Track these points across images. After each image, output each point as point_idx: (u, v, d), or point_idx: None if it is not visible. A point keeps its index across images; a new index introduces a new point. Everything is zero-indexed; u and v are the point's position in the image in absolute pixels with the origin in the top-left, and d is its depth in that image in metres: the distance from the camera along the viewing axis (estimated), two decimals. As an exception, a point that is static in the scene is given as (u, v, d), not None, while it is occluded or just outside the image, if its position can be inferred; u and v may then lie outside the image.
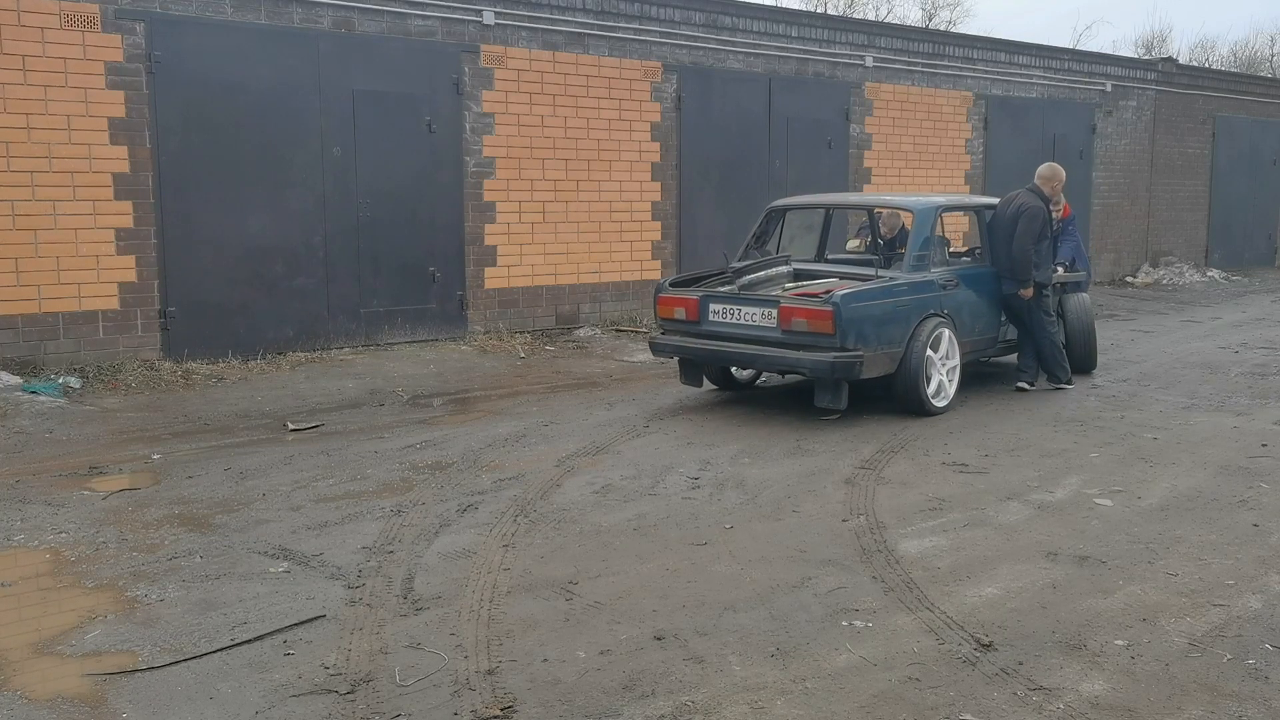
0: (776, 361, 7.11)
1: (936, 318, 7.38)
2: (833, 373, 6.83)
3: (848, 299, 6.84)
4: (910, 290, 7.30)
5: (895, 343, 7.09)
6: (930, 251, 7.62)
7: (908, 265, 7.50)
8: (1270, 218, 19.93)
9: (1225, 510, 5.28)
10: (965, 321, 7.72)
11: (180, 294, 8.82)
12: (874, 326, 6.95)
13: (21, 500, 5.30)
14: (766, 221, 8.37)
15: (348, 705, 3.26)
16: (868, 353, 6.87)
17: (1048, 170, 8.33)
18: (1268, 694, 3.37)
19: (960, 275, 7.80)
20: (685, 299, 7.52)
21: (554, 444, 6.52)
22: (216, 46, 8.82)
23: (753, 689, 3.38)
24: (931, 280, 7.48)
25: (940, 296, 7.50)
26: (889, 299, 7.13)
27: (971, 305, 7.83)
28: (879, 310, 7.03)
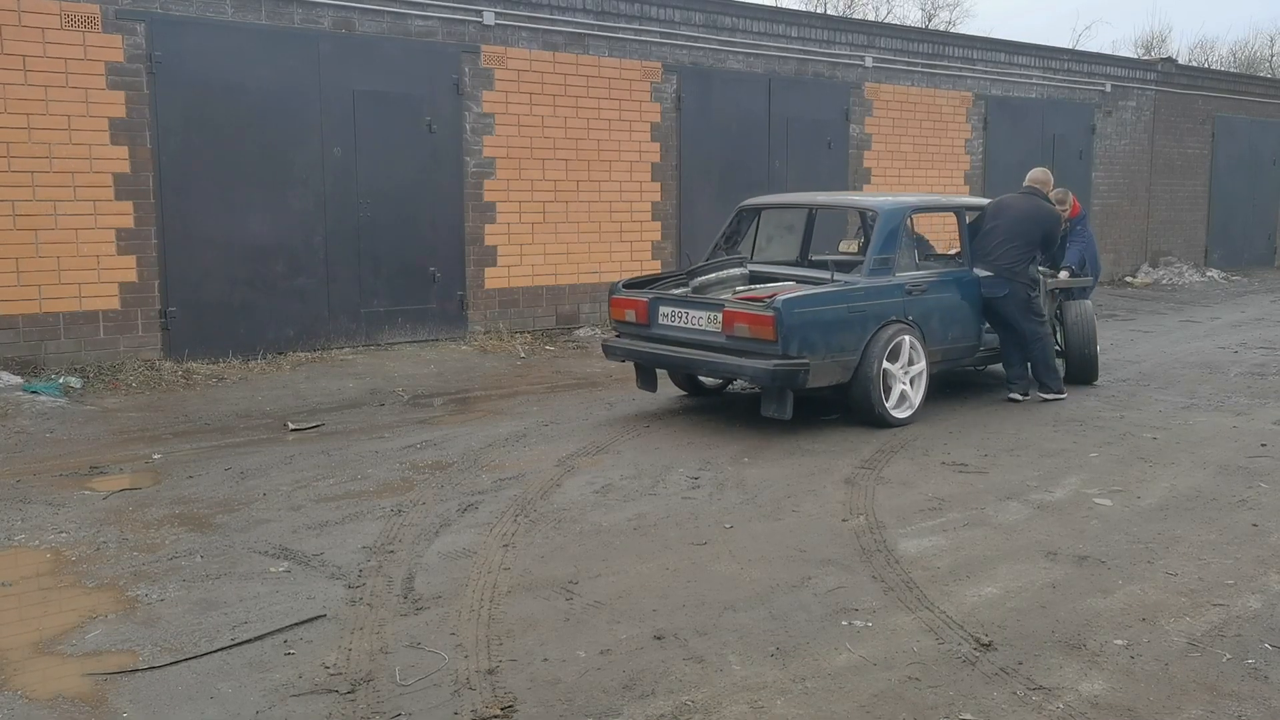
0: (719, 367, 6.83)
1: (899, 324, 7.00)
2: (773, 381, 6.49)
3: (790, 304, 6.50)
4: (867, 295, 6.91)
5: (848, 350, 6.76)
6: (894, 254, 7.20)
7: (866, 269, 7.11)
8: (1269, 218, 19.93)
9: (1225, 510, 5.28)
10: (935, 329, 7.34)
11: (181, 294, 8.83)
12: (822, 333, 6.61)
13: (22, 500, 5.31)
14: (737, 221, 8.10)
15: (348, 705, 3.26)
16: (814, 360, 6.56)
17: (1043, 174, 8.12)
18: (1267, 694, 3.38)
19: (931, 280, 7.41)
20: (635, 301, 7.28)
21: (554, 444, 6.53)
22: (217, 47, 8.83)
23: (753, 688, 3.38)
24: (894, 285, 7.09)
25: (904, 302, 7.11)
26: (840, 304, 6.78)
27: (944, 311, 7.43)
28: (828, 316, 6.69)
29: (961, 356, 7.78)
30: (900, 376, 7.02)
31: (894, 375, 6.97)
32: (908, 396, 7.08)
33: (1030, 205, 7.81)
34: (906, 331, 7.04)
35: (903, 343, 7.00)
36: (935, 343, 7.35)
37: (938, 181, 14.45)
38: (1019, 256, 7.63)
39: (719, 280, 7.27)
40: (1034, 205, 7.81)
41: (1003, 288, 7.61)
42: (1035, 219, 7.73)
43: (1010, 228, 7.70)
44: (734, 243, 8.05)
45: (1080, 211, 9.16)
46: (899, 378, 7.01)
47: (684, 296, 7.15)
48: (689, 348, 6.94)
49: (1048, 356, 7.80)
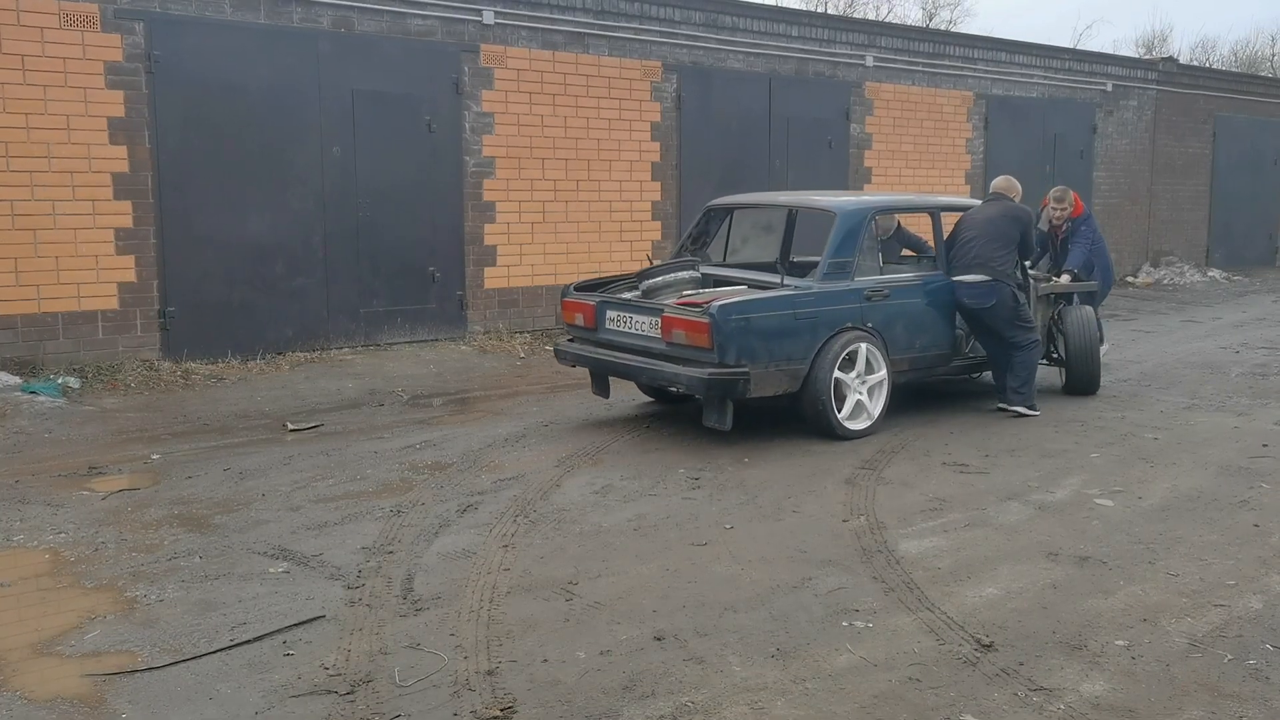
0: (658, 375, 6.51)
1: (855, 332, 6.66)
2: (709, 390, 6.21)
3: (727, 310, 6.19)
4: (818, 301, 6.57)
5: (796, 358, 6.44)
6: (853, 258, 6.82)
7: (820, 273, 6.73)
8: (1271, 218, 19.92)
9: (1226, 510, 5.28)
10: (900, 336, 6.97)
11: (180, 294, 8.82)
12: (764, 340, 6.30)
13: (21, 500, 5.30)
14: (705, 221, 7.83)
15: (347, 705, 3.25)
16: (756, 369, 6.25)
17: (1007, 182, 7.71)
18: (1268, 694, 3.37)
19: (897, 285, 7.07)
20: (584, 304, 7.06)
21: (554, 444, 6.52)
22: (216, 46, 8.82)
23: (753, 689, 3.38)
24: (850, 290, 6.72)
25: (863, 308, 6.75)
26: (786, 310, 6.44)
27: (911, 318, 7.06)
28: (772, 322, 6.36)
29: (934, 365, 7.35)
30: (855, 386, 6.69)
31: (848, 385, 6.65)
32: (864, 408, 6.74)
33: (1000, 205, 7.50)
34: (864, 339, 6.70)
35: (859, 351, 6.67)
36: (900, 351, 7.00)
37: (938, 181, 14.44)
38: (1003, 257, 7.23)
39: (667, 284, 6.95)
40: (1004, 205, 7.49)
41: (990, 296, 7.17)
42: (1009, 216, 7.38)
43: (985, 229, 7.32)
44: (702, 243, 7.79)
45: (1085, 211, 8.79)
46: (854, 388, 6.68)
47: (628, 300, 6.89)
48: (633, 354, 6.68)
49: (1029, 369, 7.33)
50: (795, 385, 6.52)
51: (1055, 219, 8.70)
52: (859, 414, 6.74)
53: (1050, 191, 8.86)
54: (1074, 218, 8.60)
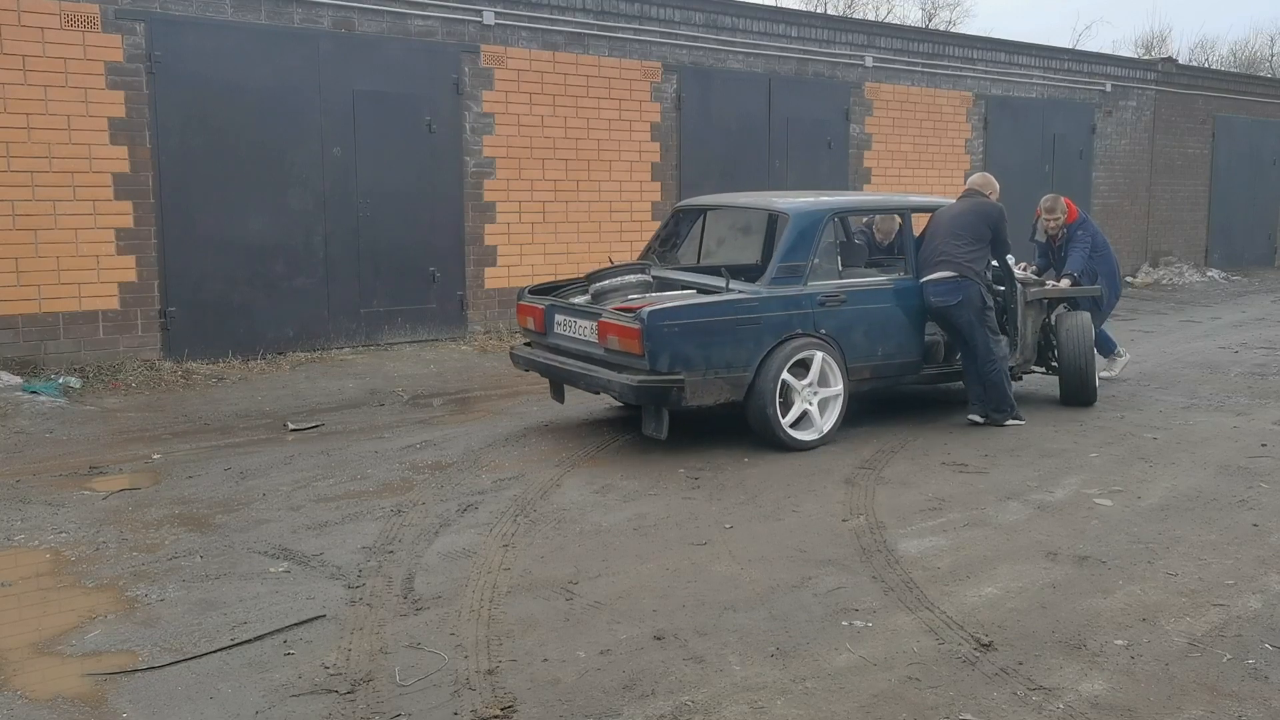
0: (594, 381, 6.30)
1: (806, 338, 6.38)
2: (638, 398, 6.02)
3: (659, 315, 5.96)
4: (763, 306, 6.30)
5: (738, 366, 6.18)
6: (806, 261, 6.50)
7: (768, 277, 6.45)
8: (1270, 218, 19.93)
9: (1225, 510, 5.28)
10: (858, 343, 6.66)
11: (180, 294, 8.83)
12: (701, 347, 6.05)
13: (22, 500, 5.31)
14: (674, 223, 7.60)
15: (348, 705, 3.26)
16: (692, 377, 6.01)
17: (983, 179, 7.34)
18: (1267, 694, 3.38)
19: (858, 290, 6.75)
20: (535, 308, 6.89)
21: (554, 444, 6.52)
22: (216, 46, 8.83)
23: (753, 689, 3.38)
24: (801, 295, 6.43)
25: (815, 314, 6.46)
26: (726, 316, 6.17)
27: (872, 324, 6.74)
28: (710, 328, 6.10)
29: (900, 374, 7.02)
30: (806, 395, 6.39)
31: (797, 393, 6.36)
32: (814, 419, 6.44)
33: (970, 202, 7.09)
34: (816, 347, 6.42)
35: (812, 358, 6.40)
36: (860, 359, 6.69)
37: (938, 181, 14.45)
38: (970, 254, 6.81)
39: (616, 287, 6.63)
40: (974, 201, 7.08)
41: (954, 293, 6.78)
42: (978, 213, 6.95)
43: (952, 226, 6.93)
44: (672, 245, 7.57)
45: (1080, 216, 8.47)
46: (804, 397, 6.39)
47: (572, 305, 6.71)
48: (577, 359, 6.52)
49: (1001, 377, 6.92)
50: (738, 394, 6.24)
51: (1050, 229, 8.40)
52: (808, 425, 6.44)
53: (1040, 203, 8.54)
54: (1069, 224, 8.32)
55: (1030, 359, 7.61)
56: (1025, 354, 7.52)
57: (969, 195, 7.22)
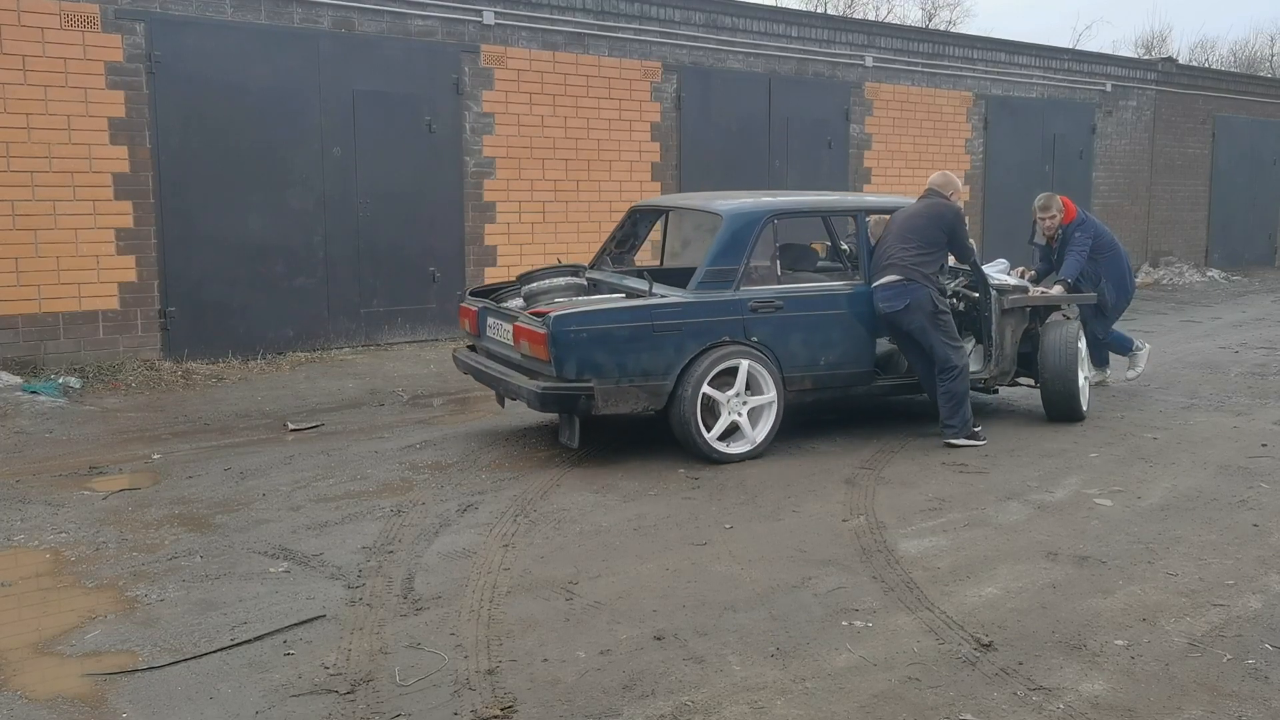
0: (508, 387, 6.10)
1: (734, 346, 6.05)
2: (543, 405, 5.83)
3: (565, 320, 5.72)
4: (684, 312, 5.98)
5: (655, 374, 5.88)
6: (740, 265, 6.17)
7: (694, 281, 6.13)
8: (1270, 218, 19.93)
9: (1225, 510, 5.28)
10: (797, 352, 6.30)
11: (180, 294, 8.83)
12: (613, 354, 5.79)
13: (21, 500, 5.30)
14: (632, 224, 7.33)
15: (348, 705, 3.26)
16: (604, 384, 5.76)
17: (942, 178, 6.84)
18: (1268, 694, 3.37)
19: (797, 296, 6.38)
20: (469, 310, 6.73)
21: (554, 443, 6.52)
22: (216, 46, 8.83)
23: (753, 689, 3.38)
24: (730, 301, 6.10)
25: (747, 321, 6.12)
26: (641, 322, 5.88)
27: (813, 332, 6.36)
28: (624, 334, 5.83)
29: (847, 384, 6.59)
30: (732, 406, 6.06)
31: (723, 405, 6.03)
32: (744, 430, 6.12)
33: (926, 203, 6.66)
34: (746, 355, 6.08)
35: (739, 367, 6.05)
36: (799, 368, 6.32)
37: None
38: (920, 258, 6.40)
39: (544, 289, 6.36)
40: (930, 202, 6.64)
41: (901, 298, 6.36)
42: (931, 214, 6.54)
43: (904, 227, 6.54)
44: (629, 246, 7.31)
45: (1078, 216, 7.94)
46: (730, 408, 6.06)
47: (498, 308, 6.53)
48: (501, 363, 6.36)
49: (956, 398, 6.45)
50: (658, 403, 5.96)
51: (1047, 229, 7.97)
52: (737, 437, 6.12)
53: (1035, 202, 8.09)
54: (1065, 224, 7.87)
55: (1010, 370, 7.09)
56: (1004, 365, 7.01)
57: (927, 196, 6.76)
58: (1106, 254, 7.99)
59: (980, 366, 6.94)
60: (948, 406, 6.47)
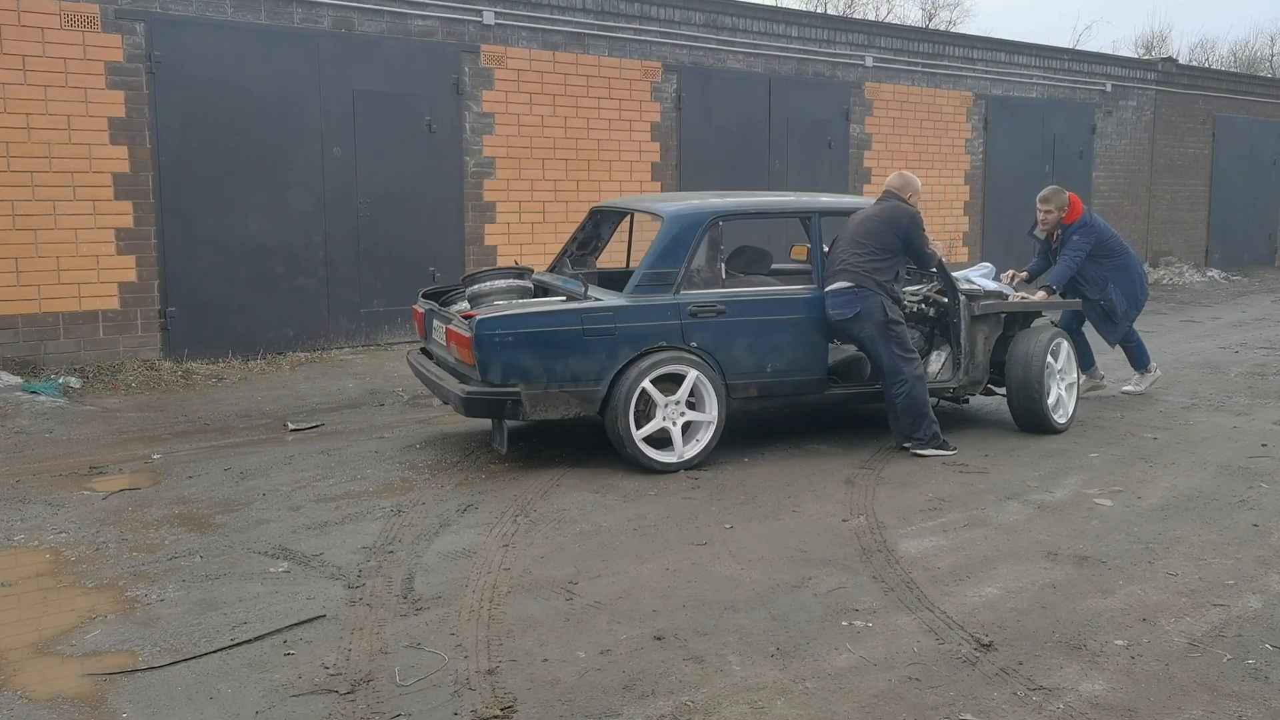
0: (441, 390, 6.00)
1: (671, 351, 5.87)
2: (467, 410, 5.73)
3: (490, 323, 5.60)
4: (617, 317, 5.82)
5: (586, 380, 5.74)
6: (678, 268, 5.98)
7: (631, 285, 5.97)
8: (1270, 218, 19.93)
9: (1225, 510, 5.28)
10: (742, 358, 6.08)
11: (180, 294, 8.83)
12: (541, 358, 5.65)
13: (21, 500, 5.30)
14: (594, 225, 7.17)
15: (348, 705, 3.26)
16: (531, 390, 5.64)
17: (900, 179, 6.54)
18: (1268, 694, 3.37)
19: (738, 300, 6.15)
20: (419, 312, 6.66)
21: (554, 443, 6.52)
22: (216, 46, 8.83)
23: (753, 689, 3.38)
24: (668, 305, 5.91)
25: (685, 325, 5.92)
26: (572, 326, 5.73)
27: (758, 338, 6.13)
28: (553, 338, 5.68)
29: (797, 392, 6.35)
30: (668, 412, 5.88)
31: (659, 409, 5.87)
32: (676, 440, 5.92)
33: (882, 206, 6.41)
34: (683, 361, 5.89)
35: (678, 374, 5.89)
36: (744, 375, 6.11)
37: (938, 181, 14.45)
38: (873, 263, 6.17)
39: (487, 292, 6.20)
40: (886, 205, 6.40)
41: (851, 305, 6.14)
42: (886, 218, 6.29)
43: (857, 232, 6.31)
44: (591, 248, 7.14)
45: (1082, 216, 7.54)
46: (666, 414, 5.88)
47: (439, 310, 6.42)
48: (441, 366, 6.27)
49: (914, 409, 6.22)
50: (591, 409, 5.82)
51: (1045, 224, 7.64)
52: (682, 443, 5.94)
53: (1039, 195, 7.74)
54: (1067, 224, 7.50)
55: (982, 379, 6.84)
56: (974, 373, 6.75)
57: (884, 199, 6.50)
58: (1115, 259, 7.66)
59: (949, 375, 6.72)
60: (908, 420, 6.25)
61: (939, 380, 6.71)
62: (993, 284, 7.07)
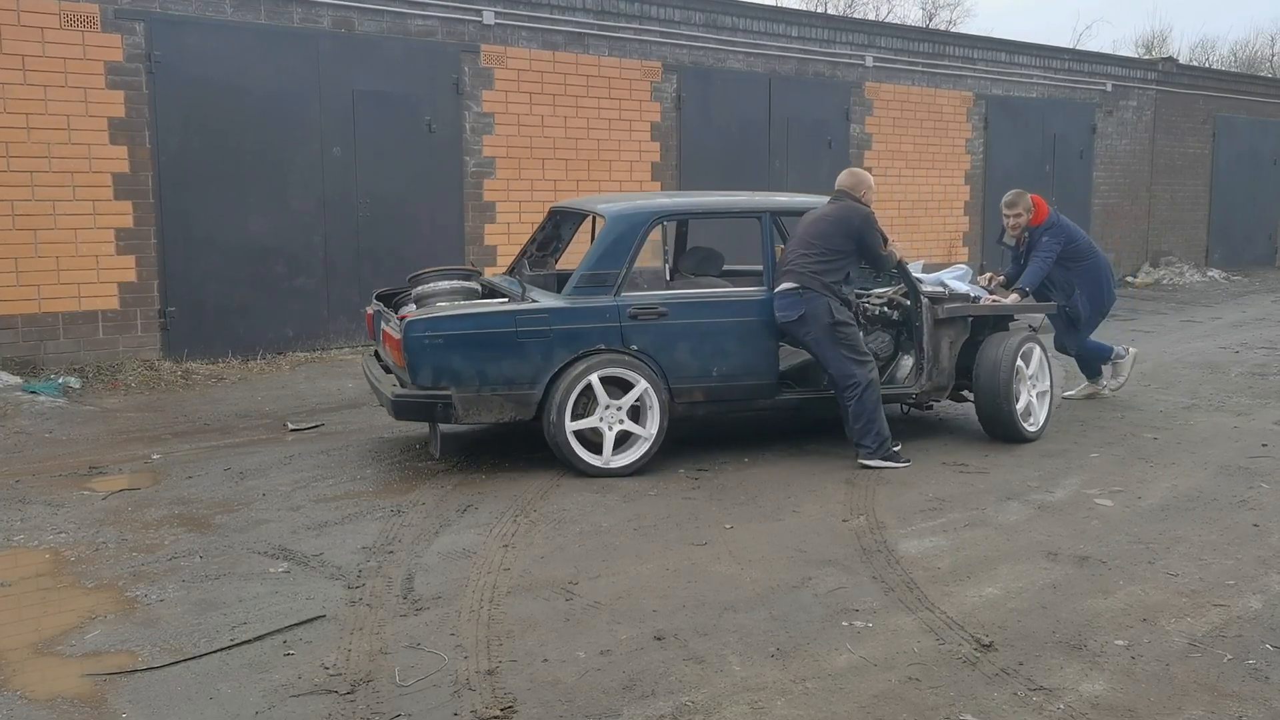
0: (379, 395, 5.88)
1: (610, 354, 5.75)
2: (396, 412, 5.66)
3: (418, 325, 5.52)
4: (554, 318, 5.70)
5: (521, 383, 5.63)
6: (619, 269, 5.86)
7: (569, 286, 5.87)
8: (1270, 218, 19.93)
9: (1225, 510, 5.28)
10: (685, 362, 5.92)
11: (180, 294, 8.83)
12: (473, 360, 5.55)
13: (21, 500, 5.30)
14: (555, 226, 6.96)
15: (348, 705, 3.25)
16: (463, 393, 5.54)
17: (851, 177, 6.32)
18: (1268, 694, 3.37)
19: (682, 302, 6.01)
20: (369, 314, 6.56)
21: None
22: (216, 46, 8.83)
23: (753, 689, 3.38)
24: (607, 307, 5.79)
25: (625, 328, 5.79)
26: (505, 327, 5.61)
27: (702, 341, 5.96)
28: (483, 341, 5.57)
29: (746, 397, 6.17)
30: (609, 416, 5.77)
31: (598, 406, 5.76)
32: (606, 445, 5.76)
33: (833, 205, 6.19)
34: (621, 364, 5.76)
35: (618, 377, 5.77)
36: (686, 379, 5.95)
37: (938, 181, 14.45)
38: (820, 265, 5.97)
39: (431, 293, 6.11)
40: (837, 205, 6.17)
41: (795, 307, 5.95)
42: (836, 219, 6.07)
43: (806, 232, 6.11)
44: (552, 249, 6.93)
45: (1049, 218, 7.33)
46: (606, 418, 5.76)
47: (385, 312, 6.31)
48: (383, 369, 6.19)
49: (866, 416, 5.95)
50: (526, 412, 5.70)
51: (1013, 229, 7.44)
52: (619, 449, 5.82)
53: (1003, 199, 7.57)
54: (1034, 226, 7.32)
55: (947, 385, 6.58)
56: (938, 379, 6.50)
57: (837, 197, 6.27)
58: (1083, 260, 7.49)
59: (911, 380, 6.48)
60: (858, 426, 5.98)
61: (902, 385, 6.51)
62: (965, 286, 6.82)
